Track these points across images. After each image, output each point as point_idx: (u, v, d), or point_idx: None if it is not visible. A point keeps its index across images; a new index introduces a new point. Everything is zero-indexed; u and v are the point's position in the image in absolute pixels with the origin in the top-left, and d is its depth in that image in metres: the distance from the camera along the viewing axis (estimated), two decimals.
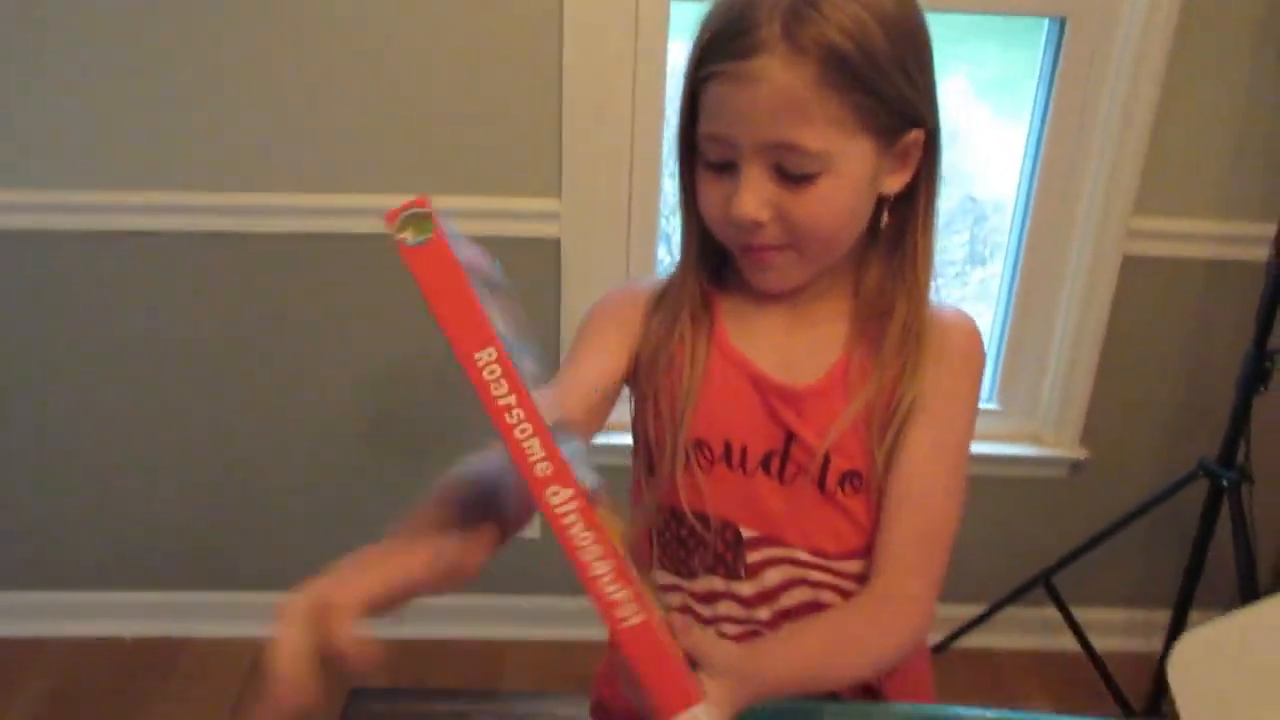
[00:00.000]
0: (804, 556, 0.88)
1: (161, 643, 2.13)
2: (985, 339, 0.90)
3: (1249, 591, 1.80)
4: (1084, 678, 2.04)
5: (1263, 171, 1.87)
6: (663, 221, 1.92)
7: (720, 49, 0.76)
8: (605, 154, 1.84)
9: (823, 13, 0.74)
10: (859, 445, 0.85)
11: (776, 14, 0.74)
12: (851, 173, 0.78)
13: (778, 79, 0.74)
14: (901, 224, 0.85)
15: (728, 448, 0.87)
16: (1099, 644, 2.03)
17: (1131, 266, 1.95)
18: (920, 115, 0.80)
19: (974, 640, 2.12)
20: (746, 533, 0.87)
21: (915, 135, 0.81)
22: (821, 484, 0.86)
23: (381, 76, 1.79)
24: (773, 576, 0.89)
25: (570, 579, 0.58)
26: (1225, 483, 1.80)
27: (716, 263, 0.90)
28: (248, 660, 2.08)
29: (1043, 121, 1.90)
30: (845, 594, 0.88)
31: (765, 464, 0.86)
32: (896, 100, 0.78)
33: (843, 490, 0.86)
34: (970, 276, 2.41)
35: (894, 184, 0.83)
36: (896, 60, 0.76)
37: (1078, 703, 2.05)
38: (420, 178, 1.83)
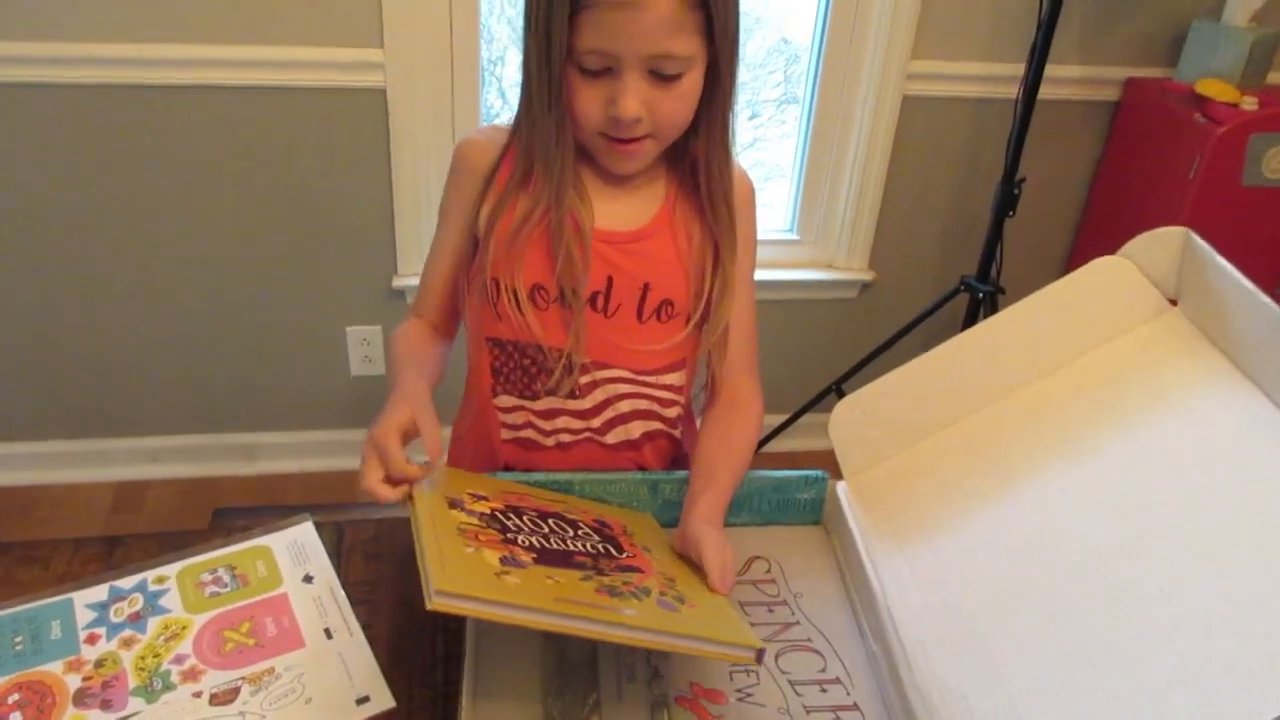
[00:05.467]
0: (627, 375, 1.05)
1: (18, 491, 2.21)
2: (788, 176, 1.07)
3: None
4: None
5: (1024, 13, 2.06)
6: (484, 68, 2.01)
7: None
8: (424, 1, 1.89)
9: None
10: (677, 278, 1.02)
11: None
12: (700, 68, 0.95)
13: (661, 5, 0.88)
14: (709, 97, 0.99)
15: (561, 290, 1.02)
16: None
17: (910, 106, 2.17)
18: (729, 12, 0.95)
19: (778, 445, 2.41)
20: (579, 360, 1.02)
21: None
22: (639, 314, 1.02)
23: None
24: (603, 393, 1.06)
25: None
26: (981, 295, 2.10)
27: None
28: (105, 502, 2.19)
29: None
30: (662, 403, 1.09)
31: (592, 301, 1.01)
32: (724, 5, 0.93)
33: (657, 318, 1.02)
34: (785, 115, 2.56)
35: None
36: None
37: None
38: (243, 30, 1.85)
